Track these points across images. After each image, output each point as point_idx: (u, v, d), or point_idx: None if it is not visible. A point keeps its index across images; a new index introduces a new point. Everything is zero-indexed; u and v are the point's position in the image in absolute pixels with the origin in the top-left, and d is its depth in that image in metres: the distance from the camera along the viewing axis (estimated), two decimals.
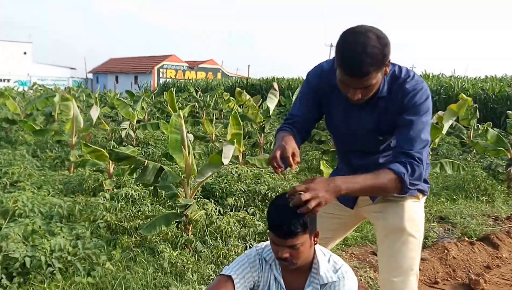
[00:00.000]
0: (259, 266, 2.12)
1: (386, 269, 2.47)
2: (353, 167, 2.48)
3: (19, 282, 3.64)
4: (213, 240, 4.72)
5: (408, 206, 2.41)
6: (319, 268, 2.03)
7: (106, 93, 25.30)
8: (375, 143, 2.33)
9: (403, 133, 2.14)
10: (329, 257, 2.10)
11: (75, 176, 7.11)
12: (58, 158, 8.85)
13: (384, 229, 2.46)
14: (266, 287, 2.12)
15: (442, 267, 4.69)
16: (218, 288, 2.02)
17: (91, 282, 3.80)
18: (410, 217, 2.40)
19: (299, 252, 1.93)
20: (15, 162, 8.02)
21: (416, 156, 2.08)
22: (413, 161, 2.08)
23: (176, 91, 27.53)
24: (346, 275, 2.03)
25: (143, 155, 9.47)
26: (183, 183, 4.74)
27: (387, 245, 2.45)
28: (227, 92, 24.90)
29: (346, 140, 2.46)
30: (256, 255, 2.14)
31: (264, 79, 28.91)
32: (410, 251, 2.40)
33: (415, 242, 2.41)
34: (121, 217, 5.19)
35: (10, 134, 11.75)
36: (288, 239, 1.89)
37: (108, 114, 15.14)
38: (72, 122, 8.14)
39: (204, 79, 39.39)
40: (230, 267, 2.11)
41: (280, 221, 1.89)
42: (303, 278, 2.08)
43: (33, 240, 3.96)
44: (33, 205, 5.02)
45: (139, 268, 4.08)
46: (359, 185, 2.01)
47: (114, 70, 49.98)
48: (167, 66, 46.05)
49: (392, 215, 2.42)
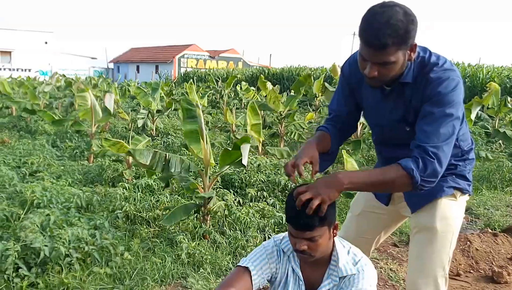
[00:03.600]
0: (276, 257, 2.09)
1: (413, 269, 2.37)
2: (384, 159, 2.40)
3: (37, 273, 3.64)
4: (232, 230, 4.68)
5: (442, 205, 2.27)
6: (338, 260, 1.99)
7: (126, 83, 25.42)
8: (403, 134, 2.17)
9: (421, 124, 2.00)
10: (349, 249, 2.05)
11: (95, 166, 7.13)
12: (78, 148, 8.89)
13: (415, 227, 2.36)
14: (284, 279, 2.09)
15: (464, 259, 4.60)
16: (235, 280, 2.00)
17: (108, 272, 3.79)
18: (443, 217, 2.27)
19: (317, 245, 1.89)
20: (34, 152, 8.08)
21: (430, 151, 1.92)
22: (426, 157, 1.92)
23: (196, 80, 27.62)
24: (365, 268, 1.98)
25: (163, 145, 9.47)
26: (202, 174, 4.70)
27: (416, 243, 2.35)
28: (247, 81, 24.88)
29: (376, 131, 2.38)
30: (274, 246, 2.11)
31: (286, 68, 28.67)
32: (439, 252, 2.28)
33: (445, 243, 2.28)
34: (140, 207, 5.18)
35: (30, 124, 11.86)
36: (306, 232, 1.86)
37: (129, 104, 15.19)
38: (90, 112, 8.14)
39: (225, 68, 39.28)
40: (247, 258, 2.08)
41: (298, 214, 1.85)
42: (322, 270, 2.04)
43: (51, 231, 3.95)
44: (51, 195, 5.03)
45: (157, 259, 4.05)
46: (362, 180, 1.95)
47: (135, 59, 50.24)
48: (188, 56, 46.08)
49: (424, 212, 2.31)
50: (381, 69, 1.93)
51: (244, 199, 5.72)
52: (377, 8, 1.87)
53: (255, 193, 5.81)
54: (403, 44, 1.87)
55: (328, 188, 1.84)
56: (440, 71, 2.00)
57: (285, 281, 2.08)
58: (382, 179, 1.95)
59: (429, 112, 1.98)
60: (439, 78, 1.98)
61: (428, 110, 1.98)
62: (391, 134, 2.27)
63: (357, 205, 2.65)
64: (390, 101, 2.16)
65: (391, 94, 2.14)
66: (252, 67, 38.06)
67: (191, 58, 46.20)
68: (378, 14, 1.85)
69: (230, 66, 43.59)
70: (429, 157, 1.92)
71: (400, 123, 2.16)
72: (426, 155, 1.92)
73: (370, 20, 1.87)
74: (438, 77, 1.98)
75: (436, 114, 1.96)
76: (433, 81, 1.98)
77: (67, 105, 14.05)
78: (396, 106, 2.15)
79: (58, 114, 12.37)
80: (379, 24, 1.83)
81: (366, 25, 1.88)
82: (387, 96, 2.16)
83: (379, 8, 1.87)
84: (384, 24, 1.82)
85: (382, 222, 2.59)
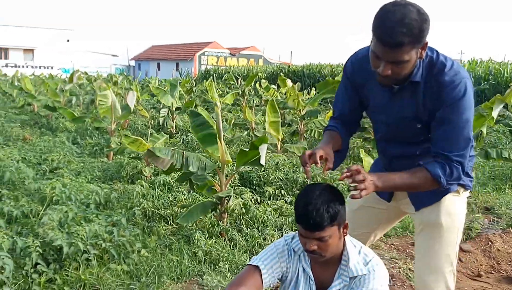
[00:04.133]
0: (287, 256, 2.09)
1: (420, 266, 2.39)
2: (388, 156, 2.39)
3: (55, 269, 3.68)
4: (249, 229, 4.67)
5: (447, 201, 2.29)
6: (349, 260, 1.98)
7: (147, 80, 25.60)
8: (413, 132, 2.19)
9: (442, 131, 2.06)
10: (360, 249, 2.03)
11: (114, 163, 7.18)
12: (97, 145, 8.96)
13: (420, 224, 2.38)
14: (295, 278, 2.08)
15: (485, 259, 4.54)
16: (246, 278, 2.00)
17: (125, 269, 3.81)
18: (448, 212, 2.29)
19: (327, 245, 1.88)
20: (55, 149, 8.18)
21: (455, 159, 2.04)
22: (452, 163, 2.04)
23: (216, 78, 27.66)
24: (376, 268, 1.97)
25: (182, 142, 9.50)
26: (218, 172, 4.69)
27: (422, 240, 2.37)
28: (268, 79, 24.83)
29: (383, 128, 2.34)
30: (285, 245, 2.10)
31: (307, 65, 28.47)
32: (446, 248, 2.30)
33: (451, 238, 2.31)
34: (158, 204, 5.20)
35: (51, 121, 12.01)
36: (315, 232, 1.85)
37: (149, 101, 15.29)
38: (110, 109, 8.21)
39: (245, 66, 39.30)
40: (258, 257, 2.08)
41: (308, 214, 1.84)
42: (333, 270, 2.03)
43: (69, 227, 3.99)
44: (70, 192, 5.07)
45: (173, 257, 4.06)
46: (393, 182, 2.05)
47: (156, 57, 50.56)
48: (209, 53, 46.23)
49: (429, 209, 2.32)
50: (394, 68, 1.94)
51: (262, 197, 5.71)
52: (390, 7, 1.88)
53: (273, 191, 5.80)
54: (417, 42, 1.87)
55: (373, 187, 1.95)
56: (451, 74, 2.02)
57: (295, 281, 2.07)
58: (410, 182, 2.07)
59: (448, 119, 2.02)
60: (452, 82, 2.00)
61: (446, 117, 2.03)
62: (397, 132, 2.26)
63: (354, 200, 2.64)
64: (399, 99, 2.15)
65: (399, 92, 2.13)
66: (273, 64, 37.99)
67: (212, 56, 46.34)
68: (392, 12, 1.85)
69: (251, 63, 43.62)
70: (454, 164, 2.04)
71: (411, 121, 2.16)
72: (452, 163, 2.04)
73: (384, 18, 1.87)
74: (452, 81, 2.00)
75: (455, 122, 2.02)
76: (447, 86, 2.00)
77: (88, 103, 14.21)
78: (406, 105, 2.14)
79: (78, 111, 12.53)
80: (394, 23, 1.84)
81: (381, 23, 1.88)
82: (395, 94, 2.15)
83: (392, 7, 1.87)
84: (399, 22, 1.83)
85: (381, 218, 2.58)
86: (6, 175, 5.95)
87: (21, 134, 10.04)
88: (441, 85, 2.01)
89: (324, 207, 1.82)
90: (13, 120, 12.42)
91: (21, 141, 9.40)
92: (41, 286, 3.45)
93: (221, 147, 4.57)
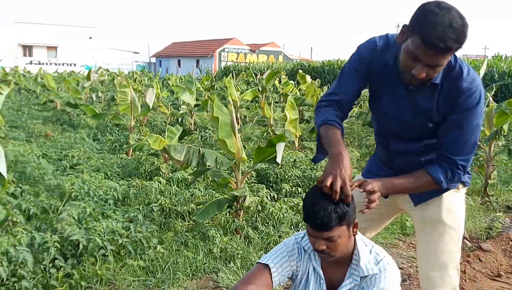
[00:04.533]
0: (297, 255, 2.07)
1: (424, 263, 2.39)
2: (390, 152, 2.36)
3: (73, 264, 3.73)
4: (265, 226, 4.67)
5: (447, 197, 2.30)
6: (360, 260, 1.94)
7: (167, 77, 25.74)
8: (422, 130, 2.18)
9: (450, 134, 2.09)
10: (371, 248, 2.00)
11: (132, 159, 7.25)
12: (117, 142, 9.05)
13: (421, 221, 2.38)
14: (305, 277, 2.06)
15: (506, 259, 4.48)
16: (255, 277, 1.99)
17: (142, 265, 3.85)
18: (449, 209, 2.30)
19: (336, 244, 1.85)
20: (75, 145, 8.30)
21: (460, 164, 2.09)
22: (455, 169, 2.09)
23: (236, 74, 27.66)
24: (387, 267, 1.93)
25: (200, 139, 9.54)
26: (234, 169, 4.70)
27: (424, 238, 2.37)
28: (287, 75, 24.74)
29: (390, 123, 2.29)
30: (295, 244, 2.08)
31: (327, 61, 28.30)
32: (448, 244, 2.31)
33: (453, 234, 2.32)
34: (175, 201, 5.24)
35: (73, 118, 12.16)
36: (323, 232, 1.82)
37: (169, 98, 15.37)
38: (129, 106, 8.28)
39: (265, 62, 39.22)
40: (268, 255, 2.07)
41: (315, 213, 1.81)
42: (343, 269, 2.00)
43: (87, 223, 4.04)
44: (89, 188, 5.14)
45: (189, 253, 4.09)
46: (396, 188, 2.11)
47: (176, 54, 50.84)
48: (228, 50, 46.30)
49: (429, 206, 2.32)
50: (430, 71, 1.91)
51: (279, 194, 5.71)
52: (435, 9, 1.82)
53: (289, 189, 5.79)
54: (459, 48, 1.85)
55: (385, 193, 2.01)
56: (469, 81, 2.02)
57: (306, 279, 2.05)
58: (412, 187, 2.16)
59: (459, 124, 2.05)
60: (470, 89, 2.01)
61: (459, 123, 2.05)
62: (407, 129, 2.22)
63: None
64: (414, 97, 2.12)
65: (415, 91, 2.09)
66: (293, 61, 37.87)
67: (232, 52, 46.40)
68: (440, 15, 1.80)
69: (271, 59, 43.53)
70: (458, 169, 2.10)
71: (424, 120, 2.14)
72: (456, 167, 2.09)
73: (433, 22, 1.80)
74: (469, 88, 2.01)
75: (466, 127, 2.05)
76: (464, 92, 2.01)
77: (109, 99, 14.34)
78: (422, 104, 2.11)
79: (99, 108, 12.66)
80: (444, 27, 1.79)
81: (429, 26, 1.81)
82: (410, 92, 2.11)
83: (438, 10, 1.81)
84: (449, 27, 1.79)
85: (378, 214, 2.54)
86: (27, 171, 6.06)
87: (43, 131, 10.20)
88: (459, 90, 2.01)
89: (332, 207, 1.79)
90: (36, 116, 12.62)
91: (43, 138, 9.57)
92: (59, 280, 3.51)
93: (236, 144, 4.57)
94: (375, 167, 2.52)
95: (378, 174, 2.42)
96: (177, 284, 3.69)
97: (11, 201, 4.78)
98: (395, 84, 2.13)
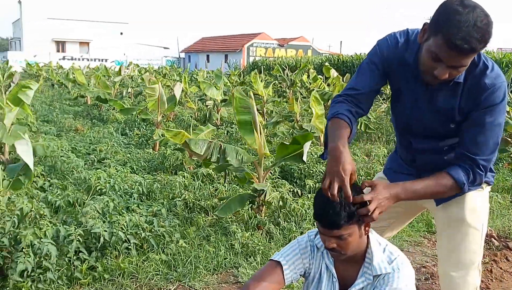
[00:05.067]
0: (310, 253, 2.06)
1: (445, 263, 2.32)
2: (412, 151, 2.31)
3: (97, 257, 3.81)
4: (286, 222, 4.67)
5: (470, 196, 2.22)
6: (373, 258, 1.92)
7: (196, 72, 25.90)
8: (444, 129, 2.12)
9: (473, 133, 2.00)
10: (385, 246, 1.97)
11: (158, 154, 7.33)
12: (144, 136, 9.17)
13: (444, 220, 2.32)
14: (318, 275, 2.05)
15: None
16: (267, 274, 1.99)
17: (164, 259, 3.90)
18: (472, 208, 2.22)
19: (347, 243, 1.83)
20: (103, 139, 8.43)
21: (481, 164, 2.01)
22: (476, 170, 2.02)
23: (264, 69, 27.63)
24: (401, 267, 1.90)
25: (226, 134, 9.58)
26: (256, 165, 4.71)
27: (446, 237, 2.30)
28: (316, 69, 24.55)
29: (411, 122, 2.24)
30: (308, 242, 2.07)
31: (357, 55, 27.89)
32: (471, 244, 2.24)
33: (476, 234, 2.25)
34: (199, 195, 5.28)
35: (103, 112, 12.35)
36: (333, 230, 1.80)
37: (197, 93, 15.46)
38: (156, 101, 8.37)
39: (294, 56, 39.05)
40: (280, 252, 2.06)
41: (325, 212, 1.79)
42: (356, 268, 1.99)
43: (111, 217, 4.11)
44: (115, 182, 5.22)
45: (210, 248, 4.12)
46: (417, 194, 2.02)
47: (205, 49, 51.10)
48: (257, 44, 46.27)
49: (452, 206, 2.25)
50: (453, 72, 1.85)
51: (303, 190, 5.69)
52: (459, 8, 1.73)
53: (313, 185, 5.76)
54: (485, 47, 1.78)
55: (388, 200, 1.89)
56: (493, 77, 1.94)
57: (318, 277, 2.04)
58: (435, 190, 2.04)
59: (481, 122, 1.97)
60: (494, 85, 1.94)
61: (481, 120, 1.97)
62: (426, 128, 2.17)
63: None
64: (435, 96, 2.06)
65: (436, 90, 2.04)
66: (322, 55, 37.59)
67: (260, 47, 46.34)
68: (464, 14, 1.71)
69: (299, 54, 43.30)
70: (479, 170, 2.02)
71: (445, 120, 2.08)
72: (477, 168, 2.01)
73: (456, 21, 1.72)
74: (493, 84, 1.94)
75: (488, 125, 1.97)
76: (487, 89, 1.94)
77: (138, 94, 14.53)
78: (443, 103, 2.05)
79: (129, 103, 12.84)
80: (468, 27, 1.71)
81: (452, 26, 1.73)
82: (430, 91, 2.06)
83: (462, 8, 1.73)
84: (474, 27, 1.70)
85: (400, 212, 2.50)
86: (56, 165, 6.19)
87: (73, 125, 10.39)
88: (481, 87, 1.93)
89: (342, 205, 1.76)
90: (67, 111, 12.86)
91: (73, 132, 9.75)
92: (83, 273, 3.59)
93: (258, 139, 4.58)
94: (396, 165, 2.48)
95: (400, 172, 2.40)
96: (198, 279, 3.73)
97: (38, 194, 4.89)
98: (414, 83, 2.09)
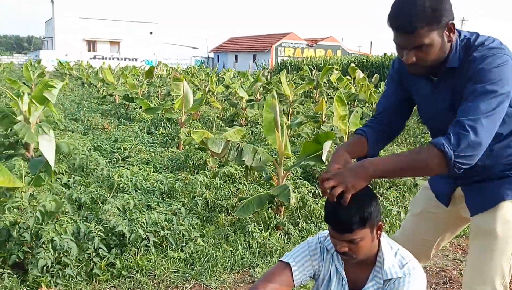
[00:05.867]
0: (320, 255, 2.04)
1: (470, 275, 2.20)
2: None
3: (116, 253, 3.86)
4: (305, 223, 4.65)
5: (504, 208, 2.08)
6: (384, 262, 1.89)
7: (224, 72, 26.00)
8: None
9: (462, 104, 1.83)
10: (397, 251, 1.94)
11: (181, 153, 7.38)
12: (168, 135, 9.25)
13: (475, 230, 2.18)
14: (327, 277, 2.03)
15: None
16: (276, 275, 1.98)
17: (182, 257, 3.93)
18: (505, 220, 2.07)
19: (359, 247, 1.81)
20: (128, 138, 8.54)
21: (466, 124, 1.74)
22: (460, 131, 1.74)
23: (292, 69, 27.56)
24: (412, 272, 1.87)
25: (251, 134, 9.59)
26: (276, 165, 4.71)
27: (475, 248, 2.17)
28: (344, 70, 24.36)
29: (431, 121, 2.24)
30: (318, 243, 2.05)
31: (387, 56, 27.60)
32: (500, 258, 2.08)
33: (506, 248, 2.08)
34: (220, 195, 5.30)
35: (129, 111, 12.51)
36: (345, 234, 1.78)
37: (224, 93, 15.53)
38: (181, 100, 8.42)
39: (323, 57, 38.84)
40: (290, 254, 2.05)
41: (336, 215, 1.77)
42: (367, 271, 1.96)
43: (131, 214, 4.16)
44: (137, 180, 5.29)
45: (228, 247, 4.13)
46: (390, 166, 1.80)
47: (234, 49, 51.28)
48: (286, 44, 46.21)
49: (485, 215, 2.12)
50: (418, 54, 1.86)
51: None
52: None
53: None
54: (434, 23, 1.79)
55: (353, 177, 1.74)
56: (485, 50, 1.86)
57: (328, 280, 2.02)
58: (412, 163, 1.80)
59: (470, 91, 1.81)
60: (483, 56, 1.83)
61: (469, 89, 1.82)
62: (441, 123, 2.08)
63: (416, 204, 2.52)
64: (439, 91, 2.05)
65: (439, 83, 2.03)
66: (351, 55, 37.31)
67: (288, 47, 46.27)
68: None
69: (328, 54, 43.06)
70: (463, 130, 1.74)
71: (448, 111, 2.00)
72: (460, 129, 1.75)
73: (396, 6, 1.84)
74: (482, 56, 1.84)
75: (477, 91, 1.79)
76: (476, 60, 1.84)
77: (165, 94, 14.66)
78: (445, 95, 2.03)
79: (156, 102, 12.97)
80: (403, 8, 1.80)
81: (393, 10, 1.85)
82: (436, 86, 2.04)
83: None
84: (410, 6, 1.79)
85: (442, 224, 2.42)
86: (80, 163, 6.30)
87: (100, 123, 10.55)
88: (471, 60, 1.86)
89: (354, 209, 1.73)
90: (95, 109, 13.07)
91: (100, 130, 9.91)
92: (102, 269, 3.65)
93: (279, 138, 4.57)
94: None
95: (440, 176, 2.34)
96: (215, 277, 3.75)
97: (63, 191, 4.99)
98: (423, 83, 2.10)
